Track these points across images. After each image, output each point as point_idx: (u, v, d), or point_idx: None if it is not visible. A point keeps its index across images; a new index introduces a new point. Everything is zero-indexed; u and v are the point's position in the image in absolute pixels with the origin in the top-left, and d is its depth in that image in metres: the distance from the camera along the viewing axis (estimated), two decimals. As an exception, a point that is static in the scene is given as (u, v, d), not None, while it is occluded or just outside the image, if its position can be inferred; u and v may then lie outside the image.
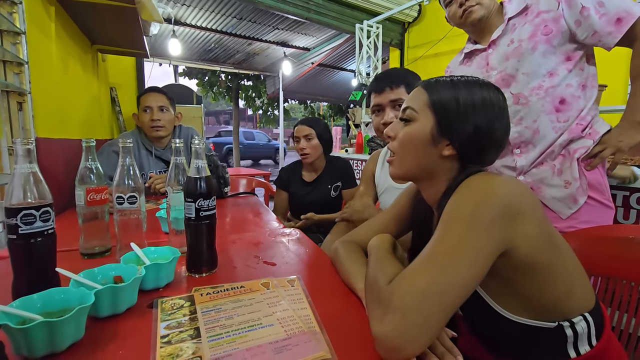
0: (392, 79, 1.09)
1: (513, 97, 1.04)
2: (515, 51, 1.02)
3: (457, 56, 1.26)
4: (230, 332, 0.51)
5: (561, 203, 1.01)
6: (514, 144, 1.06)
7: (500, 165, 1.11)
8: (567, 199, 1.00)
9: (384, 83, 1.10)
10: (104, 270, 0.62)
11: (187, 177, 0.72)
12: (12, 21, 1.06)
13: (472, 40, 1.19)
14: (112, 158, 1.46)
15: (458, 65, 1.23)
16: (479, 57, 1.15)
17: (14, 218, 0.54)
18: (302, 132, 1.68)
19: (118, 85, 2.43)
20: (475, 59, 1.16)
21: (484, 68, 1.11)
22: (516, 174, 1.07)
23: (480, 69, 1.13)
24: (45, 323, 0.44)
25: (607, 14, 0.93)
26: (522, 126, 1.03)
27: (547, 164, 1.04)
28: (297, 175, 1.79)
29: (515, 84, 1.03)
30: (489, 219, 0.49)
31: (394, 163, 0.66)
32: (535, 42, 0.99)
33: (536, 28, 1.00)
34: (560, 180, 1.01)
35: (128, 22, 1.61)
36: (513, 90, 1.04)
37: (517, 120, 1.04)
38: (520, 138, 1.04)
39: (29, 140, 0.57)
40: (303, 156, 1.69)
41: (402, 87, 1.08)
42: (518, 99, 1.03)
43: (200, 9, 4.34)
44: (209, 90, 9.50)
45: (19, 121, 1.11)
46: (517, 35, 1.03)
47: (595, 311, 0.57)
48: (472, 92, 0.60)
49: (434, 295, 0.46)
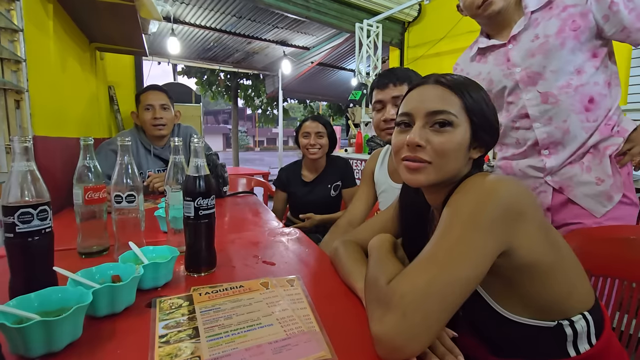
0: (396, 76, 1.09)
1: (541, 95, 0.98)
2: (542, 47, 0.96)
3: (467, 52, 1.19)
4: (229, 332, 0.51)
5: (594, 201, 0.97)
6: (543, 145, 1.01)
7: (526, 165, 1.06)
8: (601, 196, 0.96)
9: (387, 79, 1.10)
10: (102, 270, 0.61)
11: (186, 175, 0.71)
12: (9, 18, 1.05)
13: (485, 34, 1.12)
14: (110, 157, 1.46)
15: (470, 62, 1.16)
16: (496, 53, 1.07)
17: (11, 216, 0.54)
18: (315, 129, 1.66)
19: (116, 83, 2.42)
20: (491, 55, 1.09)
21: (504, 65, 1.04)
22: (543, 175, 1.04)
23: (499, 65, 1.06)
24: (42, 322, 0.43)
25: (636, 8, 0.90)
26: (552, 126, 0.99)
27: (575, 162, 1.00)
28: (297, 175, 1.78)
29: (542, 82, 0.98)
30: (490, 219, 0.49)
31: (427, 171, 0.59)
32: (563, 38, 0.94)
33: (564, 23, 0.95)
34: (591, 177, 0.97)
35: (127, 20, 1.61)
36: (540, 89, 0.98)
37: (546, 120, 0.99)
38: (550, 139, 1.00)
39: (26, 138, 0.56)
40: (312, 153, 1.68)
41: (405, 85, 1.08)
42: (547, 98, 0.98)
43: (200, 7, 4.32)
44: (208, 90, 9.49)
45: (17, 119, 1.10)
46: (542, 30, 0.97)
47: (595, 310, 0.57)
48: (484, 91, 0.62)
49: (435, 294, 0.46)
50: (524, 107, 1.01)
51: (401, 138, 0.61)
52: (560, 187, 1.02)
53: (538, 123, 1.00)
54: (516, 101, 1.03)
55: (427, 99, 0.60)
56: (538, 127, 1.00)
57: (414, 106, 0.61)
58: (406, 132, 0.61)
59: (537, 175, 1.05)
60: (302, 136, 1.69)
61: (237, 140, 10.40)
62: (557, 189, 1.02)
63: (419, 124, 0.59)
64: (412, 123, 0.61)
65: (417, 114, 0.60)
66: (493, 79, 1.07)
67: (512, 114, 1.05)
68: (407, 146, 0.60)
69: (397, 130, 0.64)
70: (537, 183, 1.05)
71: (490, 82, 1.08)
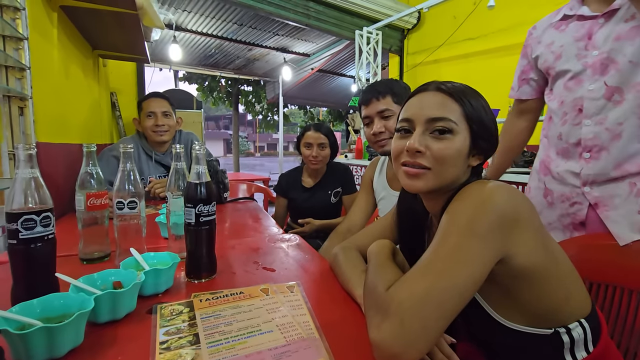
0: (377, 90, 1.10)
1: (606, 89, 0.84)
2: (633, 30, 0.81)
3: (551, 16, 1.02)
4: (229, 339, 0.51)
5: (624, 225, 0.84)
6: (585, 146, 0.88)
7: (563, 169, 0.94)
8: (635, 225, 0.83)
9: (369, 95, 1.11)
10: (103, 276, 0.62)
11: (187, 182, 0.72)
12: (15, 27, 1.07)
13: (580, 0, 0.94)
14: (111, 163, 1.47)
15: (548, 27, 1.00)
16: (581, 25, 0.91)
17: (15, 223, 0.55)
18: (318, 140, 1.65)
19: (118, 90, 2.44)
20: (572, 25, 0.93)
21: (583, 41, 0.89)
22: (581, 183, 0.90)
23: (577, 41, 0.90)
24: (44, 328, 0.44)
25: None
26: (603, 126, 0.85)
27: (625, 179, 0.85)
28: (297, 181, 1.79)
29: (614, 73, 0.83)
30: (487, 227, 0.49)
31: (426, 177, 0.59)
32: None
33: None
34: (636, 204, 0.83)
35: (130, 28, 1.63)
36: (609, 81, 0.84)
37: (601, 119, 0.86)
38: (595, 140, 0.86)
39: (30, 146, 0.57)
40: (314, 164, 1.68)
41: (388, 97, 1.09)
42: (612, 94, 0.84)
43: (201, 15, 4.37)
44: (209, 96, 9.54)
45: (20, 126, 1.11)
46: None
47: (592, 317, 0.58)
48: (483, 99, 0.62)
49: (433, 301, 0.46)
50: (581, 98, 0.88)
51: (401, 143, 0.62)
52: (596, 203, 0.88)
53: (589, 120, 0.87)
54: (575, 89, 0.90)
55: (427, 106, 0.60)
56: (588, 124, 0.87)
57: (414, 112, 0.61)
58: (406, 138, 0.61)
59: (574, 184, 0.91)
60: (304, 146, 1.69)
61: (237, 146, 10.43)
62: (592, 204, 0.89)
63: (419, 131, 0.60)
64: (412, 129, 0.61)
65: (417, 120, 0.60)
66: (563, 54, 0.93)
67: (565, 101, 0.92)
68: (406, 152, 0.60)
69: (397, 135, 0.64)
70: (574, 193, 0.92)
71: (557, 57, 0.94)
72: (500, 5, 2.87)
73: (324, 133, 1.67)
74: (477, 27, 3.30)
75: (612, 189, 0.86)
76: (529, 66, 1.08)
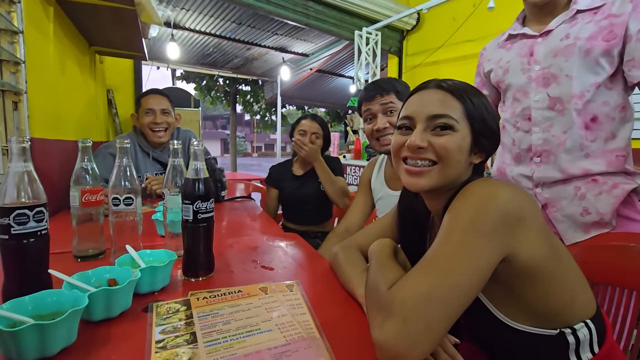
0: (381, 87, 1.11)
1: (549, 100, 0.93)
2: (567, 49, 0.90)
3: (498, 37, 1.12)
4: (227, 338, 0.50)
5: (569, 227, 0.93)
6: (536, 151, 0.96)
7: (517, 173, 1.02)
8: (579, 227, 0.92)
9: (373, 91, 1.12)
10: (98, 273, 0.60)
11: (185, 178, 0.71)
12: (10, 20, 1.05)
13: (521, 20, 1.05)
14: (107, 160, 1.45)
15: (497, 48, 1.10)
16: (523, 43, 1.00)
17: (7, 218, 0.53)
18: (312, 129, 1.66)
19: (115, 87, 2.42)
20: (517, 44, 1.02)
21: (526, 57, 0.98)
22: (533, 185, 0.98)
23: (521, 57, 1.00)
24: (36, 326, 0.42)
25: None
26: (550, 134, 0.93)
27: (571, 182, 0.93)
28: (288, 170, 1.80)
29: (555, 86, 0.92)
30: (490, 225, 0.49)
31: (430, 174, 0.59)
32: (592, 45, 0.87)
33: (600, 30, 0.87)
34: (580, 204, 0.91)
35: (127, 24, 1.61)
36: (551, 93, 0.93)
37: (547, 126, 0.94)
38: (544, 146, 0.94)
39: (24, 139, 0.56)
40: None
41: (392, 94, 1.10)
42: (554, 104, 0.92)
43: (200, 13, 4.35)
44: (207, 95, 9.51)
45: (14, 121, 1.10)
46: (576, 31, 0.90)
47: (597, 318, 0.57)
48: (485, 97, 0.62)
49: (436, 300, 0.45)
50: (528, 108, 0.97)
51: (401, 139, 0.62)
52: (545, 204, 0.97)
53: (537, 128, 0.95)
54: (523, 100, 0.98)
55: (428, 103, 0.60)
56: (537, 131, 0.96)
57: (415, 110, 0.61)
58: (407, 135, 0.61)
59: (527, 186, 0.99)
60: (298, 133, 1.68)
61: (235, 146, 10.40)
62: (543, 204, 0.97)
63: (420, 128, 0.59)
64: (412, 127, 0.61)
65: (418, 117, 0.60)
66: (510, 69, 1.02)
67: (515, 112, 1.01)
68: (407, 148, 0.60)
69: (398, 132, 0.64)
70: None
71: (505, 72, 1.03)
72: (500, 7, 2.88)
73: (318, 123, 1.68)
74: (476, 29, 3.31)
75: (559, 191, 0.95)
76: (482, 83, 1.19)
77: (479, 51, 1.20)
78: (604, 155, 0.90)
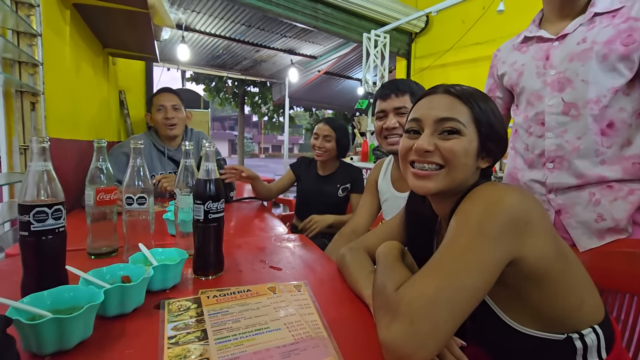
0: (397, 87, 1.12)
1: (564, 105, 0.91)
2: (584, 53, 0.88)
3: (513, 39, 1.09)
4: (237, 335, 0.51)
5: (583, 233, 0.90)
6: (549, 157, 0.94)
7: (529, 178, 0.99)
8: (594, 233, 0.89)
9: (389, 90, 1.13)
10: (112, 270, 0.62)
11: (197, 179, 0.72)
12: (29, 23, 1.08)
13: (538, 22, 1.02)
14: (120, 160, 1.48)
15: (512, 50, 1.07)
16: (539, 46, 0.98)
17: (27, 215, 0.55)
18: (323, 132, 1.70)
19: (127, 88, 2.46)
20: (533, 47, 1.00)
21: (542, 61, 0.96)
22: (546, 191, 0.95)
23: (536, 60, 0.97)
24: (55, 320, 0.44)
25: None
26: (563, 139, 0.91)
27: (585, 188, 0.90)
28: (313, 168, 1.84)
29: (570, 91, 0.90)
30: (497, 228, 0.49)
31: (437, 177, 0.59)
32: (610, 50, 0.85)
33: (618, 34, 0.84)
34: (595, 210, 0.89)
35: (140, 27, 1.64)
36: (566, 98, 0.90)
37: (561, 132, 0.91)
38: (557, 152, 0.92)
39: (44, 139, 0.58)
40: (317, 154, 1.73)
41: (407, 96, 1.11)
42: (569, 109, 0.90)
43: (210, 15, 4.40)
44: (216, 96, 9.60)
45: (32, 121, 1.13)
46: (594, 35, 0.87)
47: (605, 324, 0.57)
48: (493, 102, 0.62)
49: (442, 302, 0.46)
50: (542, 112, 0.94)
51: (409, 142, 0.63)
52: (559, 210, 0.94)
53: (551, 133, 0.93)
54: (537, 104, 0.96)
55: (435, 107, 0.61)
56: (550, 137, 0.93)
57: (423, 113, 0.62)
58: (414, 139, 0.62)
59: (540, 192, 0.97)
60: (313, 137, 1.76)
61: (242, 147, 10.46)
62: (556, 210, 0.95)
63: (428, 132, 0.60)
64: (420, 130, 0.62)
65: (425, 120, 0.61)
66: (525, 72, 1.00)
67: (528, 116, 0.99)
68: (415, 151, 0.61)
69: (405, 136, 0.65)
70: (541, 200, 0.97)
71: (520, 75, 1.01)
72: (510, 10, 2.86)
73: (331, 126, 1.72)
74: (485, 32, 3.29)
75: (573, 197, 0.92)
76: (495, 85, 1.16)
77: (489, 53, 1.18)
78: (620, 162, 0.88)
